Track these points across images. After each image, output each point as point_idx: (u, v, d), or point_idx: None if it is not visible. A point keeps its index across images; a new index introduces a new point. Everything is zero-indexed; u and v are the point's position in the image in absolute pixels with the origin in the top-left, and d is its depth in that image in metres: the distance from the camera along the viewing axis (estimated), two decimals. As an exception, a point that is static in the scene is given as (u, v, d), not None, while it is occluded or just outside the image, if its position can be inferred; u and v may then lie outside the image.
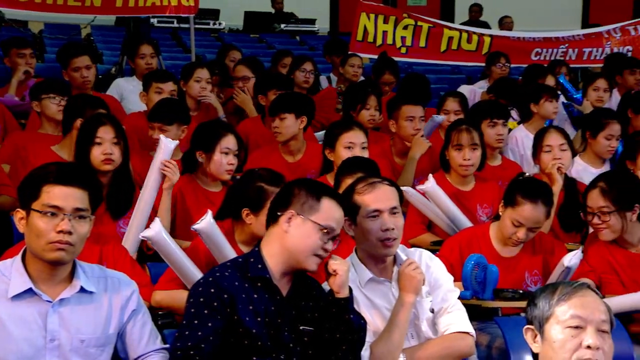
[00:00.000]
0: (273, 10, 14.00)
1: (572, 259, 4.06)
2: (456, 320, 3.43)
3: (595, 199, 4.30)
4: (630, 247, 4.39)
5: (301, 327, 3.18)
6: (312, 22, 13.83)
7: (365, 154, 4.92)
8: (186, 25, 10.66)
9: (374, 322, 3.40)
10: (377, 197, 3.44)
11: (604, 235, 4.33)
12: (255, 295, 3.12)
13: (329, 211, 3.16)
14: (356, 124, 5.38)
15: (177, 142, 4.77)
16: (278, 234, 3.17)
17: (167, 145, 4.56)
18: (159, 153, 4.55)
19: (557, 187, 5.02)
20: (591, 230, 4.55)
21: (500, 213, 4.30)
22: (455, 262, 4.15)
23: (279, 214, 3.18)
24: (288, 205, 3.18)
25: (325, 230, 3.13)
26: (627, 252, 4.38)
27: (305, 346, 3.18)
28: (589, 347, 2.52)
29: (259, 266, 3.16)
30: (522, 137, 6.45)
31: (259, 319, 3.09)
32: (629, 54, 9.33)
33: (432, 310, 3.45)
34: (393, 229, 3.38)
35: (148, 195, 4.46)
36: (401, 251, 3.48)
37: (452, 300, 3.47)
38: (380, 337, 3.34)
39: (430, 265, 3.53)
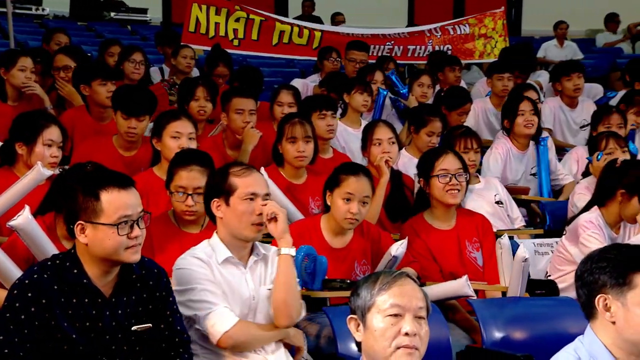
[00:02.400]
0: None
1: (398, 248, 4.19)
2: None
3: (452, 162, 4.56)
4: (442, 225, 4.64)
5: (133, 328, 3.09)
6: (144, 11, 13.58)
7: (193, 145, 4.87)
8: (3, 10, 9.83)
9: (229, 300, 3.44)
10: (255, 181, 3.51)
11: (457, 198, 4.58)
12: (75, 300, 3.00)
13: (114, 204, 3.01)
14: (184, 114, 5.31)
15: None
16: (82, 243, 3.05)
17: None
18: None
19: (384, 179, 5.13)
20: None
21: (329, 202, 4.36)
22: None
23: (72, 227, 3.06)
24: (77, 216, 3.04)
25: (121, 224, 3.01)
26: (439, 232, 4.62)
27: (141, 346, 3.11)
28: (406, 334, 2.57)
29: (75, 271, 3.03)
30: (340, 130, 6.51)
31: (77, 325, 2.98)
32: (449, 52, 9.71)
33: None
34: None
35: None
36: (259, 244, 3.55)
37: None
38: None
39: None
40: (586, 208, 4.99)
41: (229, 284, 3.48)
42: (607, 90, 9.30)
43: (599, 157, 5.64)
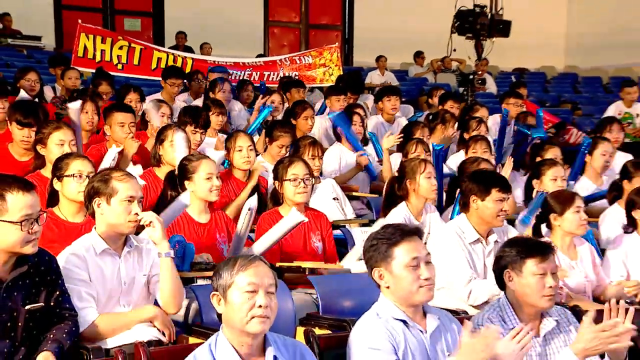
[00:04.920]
0: (1, 26, 12.75)
1: (252, 202, 4.19)
2: None
3: (301, 168, 4.57)
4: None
5: (27, 307, 2.93)
6: (38, 38, 12.94)
7: (75, 150, 4.65)
8: None
9: (102, 289, 3.31)
10: (133, 186, 3.38)
11: (305, 198, 4.59)
12: None
13: (18, 204, 2.85)
14: (65, 124, 4.99)
15: None
16: None
17: None
18: None
19: (253, 183, 5.18)
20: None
21: (190, 189, 4.31)
22: None
23: None
24: None
25: (24, 221, 2.85)
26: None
27: (35, 324, 2.95)
28: (260, 306, 2.55)
29: None
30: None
31: None
32: (296, 77, 9.84)
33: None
34: (137, 214, 3.34)
35: None
36: (132, 237, 3.45)
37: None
38: None
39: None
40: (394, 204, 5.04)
41: (102, 271, 3.34)
42: (417, 111, 9.58)
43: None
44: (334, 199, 5.57)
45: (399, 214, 4.78)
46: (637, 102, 9.65)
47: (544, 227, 4.45)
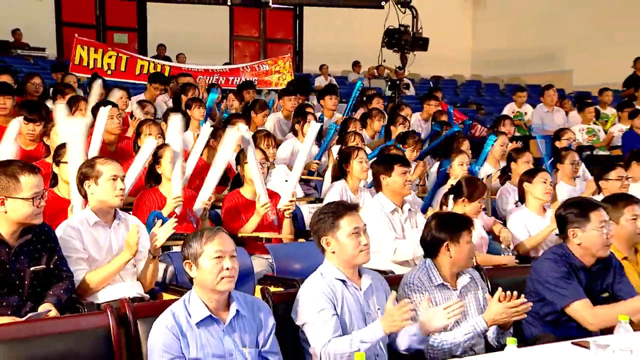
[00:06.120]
0: (12, 39, 12.69)
1: (198, 204, 4.14)
2: None
3: (258, 154, 4.48)
4: (252, 197, 4.49)
5: (32, 268, 2.88)
6: (42, 49, 12.84)
7: None
8: None
9: (97, 254, 3.25)
10: (115, 167, 3.34)
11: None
12: None
13: (28, 184, 2.84)
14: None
15: None
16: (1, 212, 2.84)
17: None
18: None
19: None
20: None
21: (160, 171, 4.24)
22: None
23: None
24: None
25: (33, 198, 2.84)
26: (249, 201, 4.49)
27: (39, 282, 2.90)
28: (227, 268, 2.53)
29: None
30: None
31: None
32: (256, 82, 9.81)
33: None
34: (122, 189, 3.31)
35: None
36: (120, 211, 3.41)
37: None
38: None
39: (136, 223, 3.37)
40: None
41: (96, 240, 3.28)
42: (353, 110, 9.57)
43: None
44: (286, 181, 5.53)
45: (336, 189, 4.83)
46: (525, 103, 9.85)
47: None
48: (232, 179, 4.84)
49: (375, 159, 5.02)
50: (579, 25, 14.22)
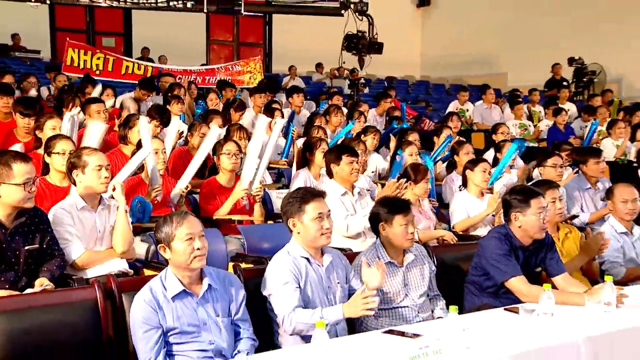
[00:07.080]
0: (11, 43, 12.42)
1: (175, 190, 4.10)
2: None
3: (233, 146, 4.39)
4: (227, 184, 4.42)
5: (26, 247, 2.83)
6: (37, 52, 12.63)
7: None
8: None
9: (83, 236, 3.17)
10: (100, 157, 3.26)
11: (235, 167, 4.42)
12: None
13: (20, 171, 2.81)
14: (56, 114, 4.75)
15: None
16: None
17: None
18: None
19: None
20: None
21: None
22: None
23: None
24: None
25: (26, 184, 2.80)
26: (224, 188, 4.41)
27: (33, 260, 2.86)
28: (198, 248, 2.49)
29: None
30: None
31: None
32: (230, 80, 9.74)
33: None
34: (107, 177, 3.24)
35: None
36: (104, 197, 3.32)
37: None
38: None
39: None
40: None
41: (84, 223, 3.22)
42: (317, 107, 9.54)
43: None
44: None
45: (301, 177, 4.81)
46: (468, 101, 9.96)
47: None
48: (209, 167, 4.79)
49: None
50: (512, 33, 14.46)
